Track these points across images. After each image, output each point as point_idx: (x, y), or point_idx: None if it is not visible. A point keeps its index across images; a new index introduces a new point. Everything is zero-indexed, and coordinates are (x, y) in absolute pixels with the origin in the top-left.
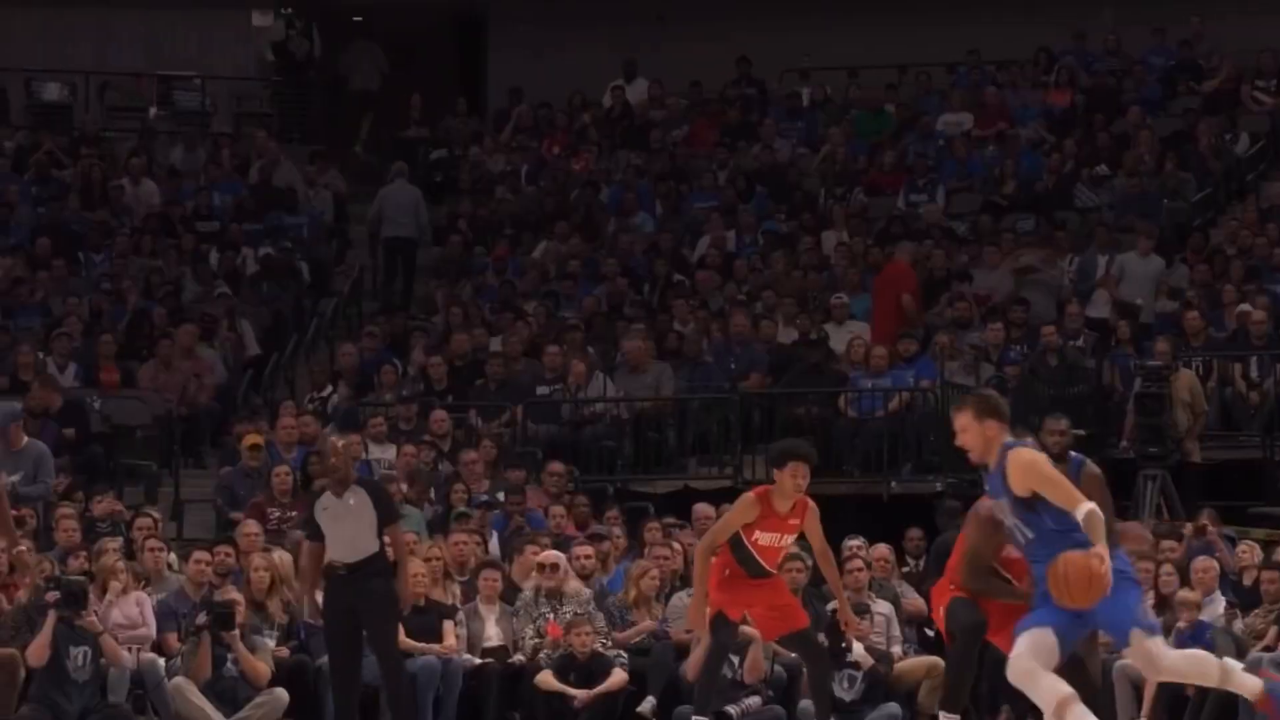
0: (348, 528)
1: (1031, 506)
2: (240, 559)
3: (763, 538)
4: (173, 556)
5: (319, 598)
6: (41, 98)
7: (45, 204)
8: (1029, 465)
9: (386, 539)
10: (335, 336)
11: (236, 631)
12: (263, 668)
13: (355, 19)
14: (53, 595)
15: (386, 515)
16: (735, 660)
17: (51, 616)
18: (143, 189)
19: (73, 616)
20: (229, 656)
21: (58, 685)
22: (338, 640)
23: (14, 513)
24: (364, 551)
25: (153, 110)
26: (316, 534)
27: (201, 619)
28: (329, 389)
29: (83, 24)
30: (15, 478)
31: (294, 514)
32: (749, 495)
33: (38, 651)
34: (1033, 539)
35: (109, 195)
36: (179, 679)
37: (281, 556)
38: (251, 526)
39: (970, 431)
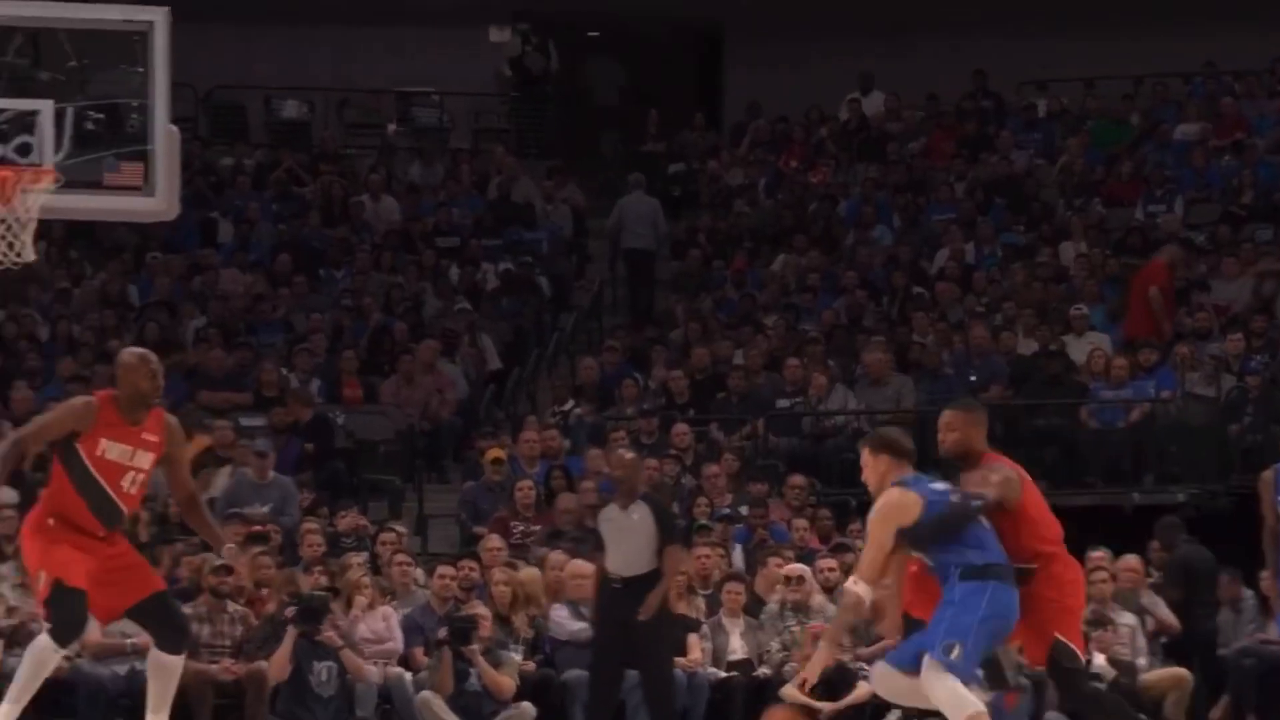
0: (628, 541)
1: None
2: (484, 573)
3: None
4: (419, 571)
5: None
6: (281, 115)
7: (286, 221)
8: (876, 510)
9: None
10: (576, 351)
11: (476, 646)
12: (506, 682)
13: (591, 34)
14: (291, 611)
15: (668, 533)
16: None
17: (291, 631)
18: (382, 205)
19: (311, 632)
20: (471, 671)
21: (301, 700)
22: (606, 653)
23: (258, 529)
24: (642, 566)
25: (391, 127)
26: (598, 544)
27: (442, 634)
28: (570, 403)
29: (321, 42)
30: (265, 509)
31: (537, 528)
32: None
33: (278, 664)
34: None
35: (349, 211)
36: (425, 693)
37: (529, 573)
38: (495, 541)
39: (868, 467)
